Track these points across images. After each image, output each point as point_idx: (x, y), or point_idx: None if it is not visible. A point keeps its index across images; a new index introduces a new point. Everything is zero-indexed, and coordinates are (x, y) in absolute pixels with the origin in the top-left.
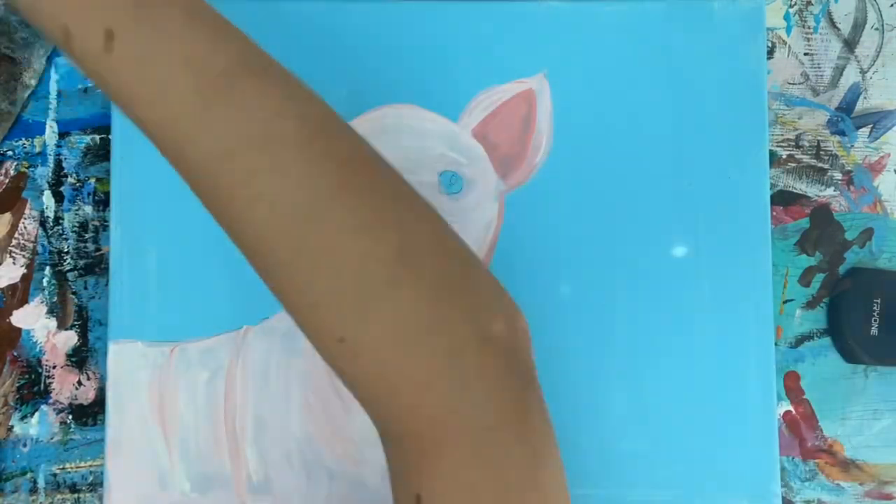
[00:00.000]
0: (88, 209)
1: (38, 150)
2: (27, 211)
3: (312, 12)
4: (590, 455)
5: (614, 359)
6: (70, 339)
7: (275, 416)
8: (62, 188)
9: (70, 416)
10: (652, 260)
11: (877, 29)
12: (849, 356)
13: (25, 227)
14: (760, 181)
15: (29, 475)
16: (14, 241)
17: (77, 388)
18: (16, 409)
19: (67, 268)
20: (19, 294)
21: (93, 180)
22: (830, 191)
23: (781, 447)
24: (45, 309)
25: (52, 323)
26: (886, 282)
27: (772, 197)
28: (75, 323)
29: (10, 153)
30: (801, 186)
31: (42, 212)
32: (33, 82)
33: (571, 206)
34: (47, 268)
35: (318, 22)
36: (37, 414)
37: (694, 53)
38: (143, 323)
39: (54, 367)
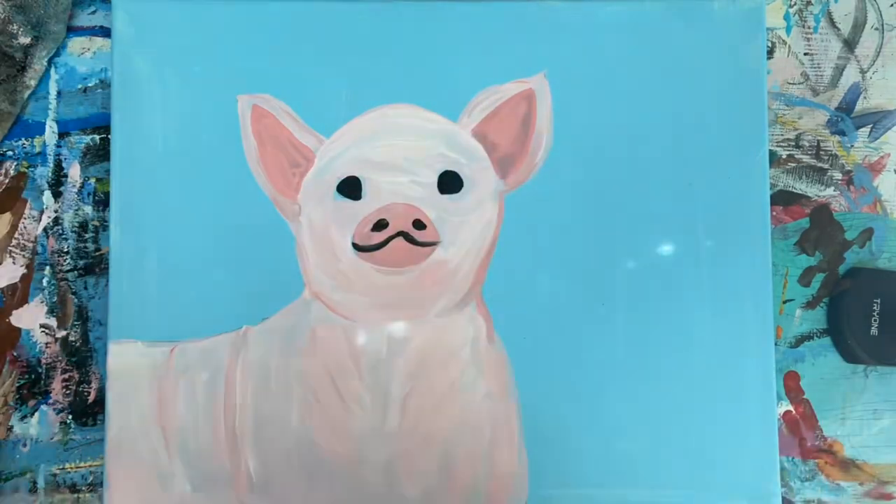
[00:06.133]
0: (88, 209)
1: (38, 150)
2: (27, 211)
3: (312, 12)
4: (590, 455)
5: (614, 359)
6: (70, 338)
7: (275, 416)
8: (62, 188)
9: (70, 416)
10: (651, 260)
11: (877, 29)
12: (849, 356)
13: (25, 227)
14: (760, 181)
15: (29, 475)
16: (14, 241)
17: (77, 388)
18: (16, 409)
19: (67, 268)
20: (19, 294)
21: (93, 180)
22: (830, 191)
23: (781, 447)
24: (45, 309)
25: (52, 323)
26: (886, 282)
27: (772, 197)
28: (75, 323)
29: (10, 153)
30: (801, 186)
31: (42, 212)
32: (33, 82)
33: (571, 206)
34: (47, 268)
35: (318, 22)
36: (37, 414)
37: (694, 53)
38: (143, 323)
39: (54, 368)
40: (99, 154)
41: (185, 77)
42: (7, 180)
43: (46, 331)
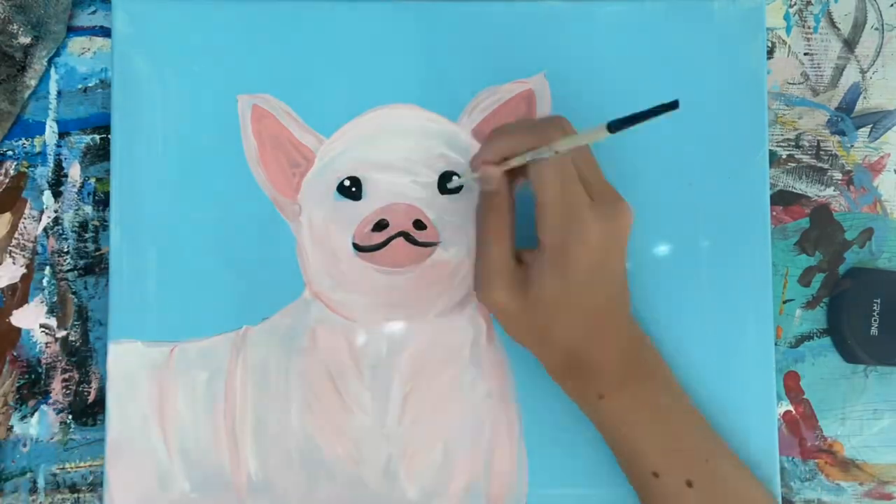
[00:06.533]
0: (88, 209)
1: (38, 150)
2: (27, 211)
3: (312, 12)
4: (590, 455)
5: None
6: (70, 338)
7: (275, 416)
8: (62, 188)
9: (70, 416)
10: (651, 260)
11: (877, 29)
12: (849, 356)
13: (25, 227)
14: (760, 181)
15: (29, 475)
16: (14, 241)
17: (77, 388)
18: (16, 409)
19: (67, 268)
20: (19, 294)
21: (93, 180)
22: (830, 191)
23: (781, 447)
24: (45, 309)
25: (52, 323)
26: (886, 282)
27: (772, 197)
28: (75, 323)
29: (10, 153)
30: (801, 186)
31: (42, 212)
32: (33, 82)
33: None
34: (47, 268)
35: (318, 22)
36: (37, 414)
37: (694, 54)
38: (143, 323)
39: (54, 367)
40: (99, 154)
41: (185, 77)
42: (7, 180)
43: (46, 331)
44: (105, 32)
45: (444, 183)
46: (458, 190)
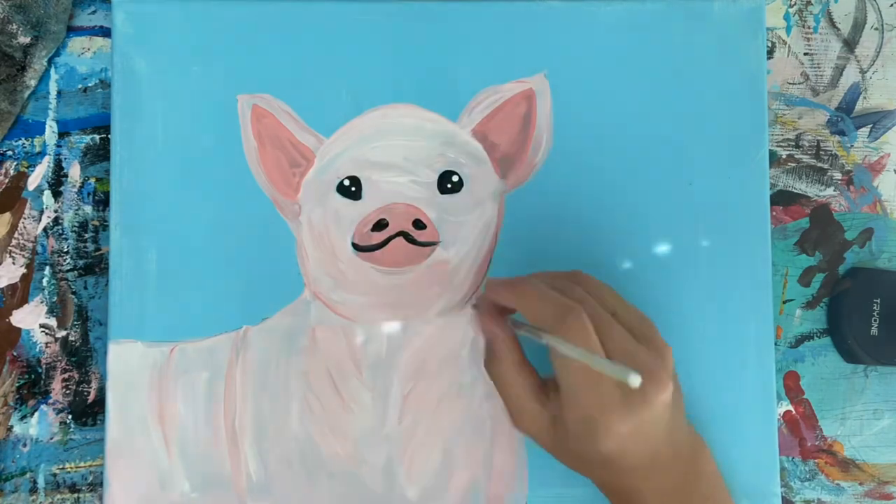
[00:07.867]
0: (88, 209)
1: (38, 150)
2: (27, 211)
3: (312, 12)
4: None
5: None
6: (70, 338)
7: (275, 416)
8: (62, 188)
9: (70, 416)
10: (651, 260)
11: (877, 29)
12: (849, 356)
13: (25, 227)
14: (760, 181)
15: (29, 475)
16: (14, 241)
17: (77, 388)
18: (16, 409)
19: (67, 268)
20: (19, 294)
21: (93, 180)
22: (830, 191)
23: (781, 447)
24: (45, 309)
25: (52, 323)
26: (886, 282)
27: (772, 197)
28: (75, 323)
29: (10, 153)
30: (801, 186)
31: (42, 212)
32: (33, 82)
33: (571, 205)
34: (47, 268)
35: (318, 22)
36: (37, 414)
37: (694, 54)
38: (143, 323)
39: (54, 367)
40: (99, 154)
41: (185, 77)
42: (7, 180)
43: (46, 331)
44: (105, 32)
45: (444, 182)
46: (458, 189)
